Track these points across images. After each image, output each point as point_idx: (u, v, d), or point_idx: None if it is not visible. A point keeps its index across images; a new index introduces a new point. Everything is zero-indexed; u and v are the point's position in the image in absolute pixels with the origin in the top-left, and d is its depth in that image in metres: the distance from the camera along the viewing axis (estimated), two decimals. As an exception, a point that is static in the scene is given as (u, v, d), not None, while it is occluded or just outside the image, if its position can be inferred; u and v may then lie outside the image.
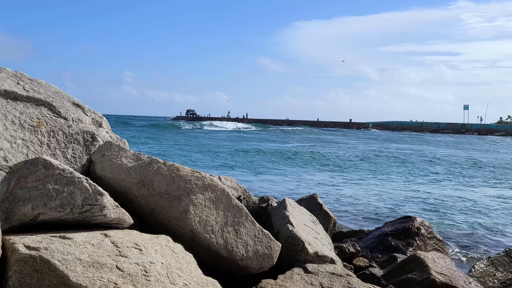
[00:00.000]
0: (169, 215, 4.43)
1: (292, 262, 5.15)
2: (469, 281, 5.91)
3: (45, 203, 3.56)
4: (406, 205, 13.85)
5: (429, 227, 7.78)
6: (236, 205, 4.72)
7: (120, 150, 4.75)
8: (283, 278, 4.61)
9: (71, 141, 4.95)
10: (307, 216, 6.37)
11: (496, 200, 15.40)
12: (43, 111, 4.99)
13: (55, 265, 3.02)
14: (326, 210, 7.60)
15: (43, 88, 5.34)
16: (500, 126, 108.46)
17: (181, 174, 4.50)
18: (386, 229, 7.84)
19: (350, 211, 12.62)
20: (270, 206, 6.51)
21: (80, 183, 3.68)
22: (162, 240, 3.84)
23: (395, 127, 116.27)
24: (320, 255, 5.26)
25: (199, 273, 3.79)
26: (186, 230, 4.41)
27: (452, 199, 15.30)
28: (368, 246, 7.51)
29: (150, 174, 4.48)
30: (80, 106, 5.46)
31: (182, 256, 3.83)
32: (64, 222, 3.68)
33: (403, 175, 21.75)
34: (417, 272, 5.76)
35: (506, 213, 13.26)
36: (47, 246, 3.15)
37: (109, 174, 4.61)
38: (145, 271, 3.26)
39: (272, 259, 4.76)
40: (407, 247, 7.19)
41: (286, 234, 5.33)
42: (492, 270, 7.05)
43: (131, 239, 3.59)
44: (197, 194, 4.48)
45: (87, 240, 3.36)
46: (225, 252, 4.51)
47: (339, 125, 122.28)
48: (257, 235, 4.73)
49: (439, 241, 7.65)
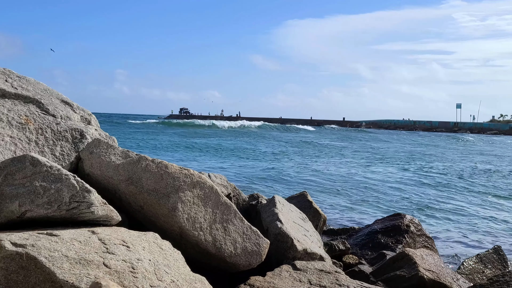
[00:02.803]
0: (157, 212, 4.44)
1: (281, 259, 5.17)
2: (457, 277, 5.96)
3: (32, 200, 3.56)
4: (397, 203, 13.91)
5: (418, 225, 7.82)
6: (224, 202, 4.74)
7: (109, 148, 4.75)
8: (272, 275, 4.63)
9: (60, 139, 4.94)
10: (297, 214, 6.40)
11: (485, 200, 15.52)
12: (31, 109, 4.98)
13: (41, 262, 3.02)
14: (316, 207, 7.63)
15: (31, 86, 5.33)
16: (492, 124, 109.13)
17: (169, 171, 4.51)
18: (376, 227, 7.88)
19: (341, 208, 12.65)
20: (260, 204, 6.53)
21: (67, 180, 3.68)
22: (150, 237, 3.85)
23: (388, 125, 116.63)
24: (309, 252, 5.28)
25: (187, 270, 3.81)
26: (174, 227, 4.42)
27: (442, 198, 15.39)
28: (358, 244, 7.55)
29: (139, 171, 4.49)
30: (69, 104, 5.45)
31: (170, 253, 3.84)
32: (52, 219, 3.67)
33: (388, 170, 21.85)
34: (405, 269, 5.80)
35: (495, 211, 13.36)
36: (34, 243, 3.15)
37: (98, 171, 4.61)
38: (132, 268, 3.26)
39: (260, 256, 4.78)
40: (397, 244, 7.23)
41: (275, 231, 5.35)
42: (481, 267, 7.10)
43: (119, 236, 3.60)
44: (186, 191, 4.49)
45: (74, 237, 3.37)
46: (213, 249, 4.52)
47: (332, 123, 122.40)
48: (246, 232, 4.75)
49: (428, 238, 7.69)
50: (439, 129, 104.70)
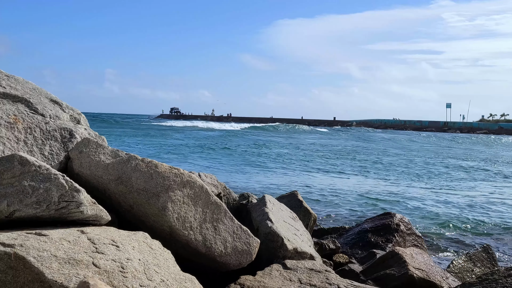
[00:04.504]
0: (147, 212, 4.43)
1: (271, 258, 5.18)
2: (446, 276, 6.00)
3: (21, 200, 3.53)
4: (387, 202, 13.97)
5: (408, 224, 7.86)
6: (214, 201, 4.73)
7: (98, 147, 4.73)
8: (262, 274, 4.63)
9: (49, 138, 4.91)
10: (287, 213, 6.40)
11: (477, 197, 15.62)
12: (20, 108, 4.94)
13: (30, 262, 3.00)
14: (306, 207, 7.64)
15: (20, 85, 5.29)
16: (482, 124, 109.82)
17: (159, 170, 4.50)
18: (366, 226, 7.91)
19: (331, 207, 12.69)
20: (250, 203, 6.53)
21: (56, 180, 3.66)
22: (139, 237, 3.84)
23: (378, 125, 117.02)
24: (299, 251, 5.29)
25: (177, 269, 3.80)
26: (164, 226, 4.41)
27: (432, 196, 15.47)
28: (348, 243, 7.57)
29: (128, 170, 4.47)
30: (58, 103, 5.41)
31: (160, 252, 3.83)
32: (41, 219, 3.65)
33: (380, 173, 21.95)
34: (395, 268, 5.83)
35: (485, 210, 13.46)
36: (22, 243, 3.13)
37: (87, 171, 4.59)
38: (122, 268, 3.25)
39: (251, 255, 4.78)
40: (387, 243, 7.27)
41: (265, 230, 5.35)
42: (470, 265, 7.14)
43: (108, 236, 3.58)
44: (176, 190, 4.48)
45: (63, 236, 3.35)
46: (203, 248, 4.52)
47: (323, 123, 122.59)
48: (236, 232, 4.75)
49: (418, 237, 7.74)
50: (429, 129, 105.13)
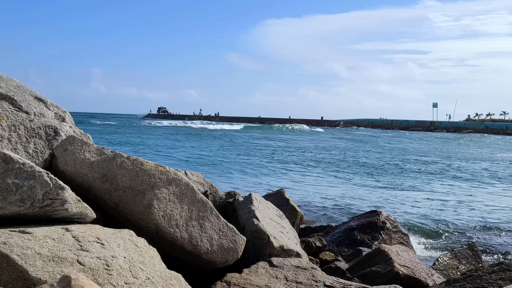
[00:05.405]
0: (133, 210, 4.41)
1: (258, 256, 5.18)
2: (431, 273, 6.05)
3: (5, 198, 3.50)
4: (374, 200, 14.05)
5: (394, 221, 7.91)
6: (201, 199, 4.72)
7: (83, 145, 4.70)
8: (248, 272, 4.64)
9: (33, 136, 4.87)
10: (273, 211, 6.41)
11: (461, 196, 15.76)
12: (3, 105, 4.89)
13: (14, 259, 2.98)
14: (293, 205, 7.66)
15: (4, 82, 5.24)
16: (468, 123, 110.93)
17: (145, 168, 4.48)
18: (352, 224, 7.95)
19: (318, 206, 12.72)
20: (237, 201, 6.53)
21: (40, 177, 3.63)
22: (125, 234, 3.82)
23: (365, 124, 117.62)
24: (286, 249, 5.30)
25: (162, 267, 3.79)
26: (150, 224, 4.39)
27: (417, 194, 15.58)
28: (334, 241, 7.60)
29: (114, 168, 4.45)
30: (43, 100, 5.37)
31: (145, 250, 3.82)
32: (25, 217, 3.62)
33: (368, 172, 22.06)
34: (381, 265, 5.87)
35: (469, 208, 13.58)
36: (6, 241, 3.11)
37: (72, 168, 4.56)
38: (107, 265, 3.24)
39: (237, 253, 4.79)
40: (373, 241, 7.31)
41: (252, 228, 5.36)
42: (456, 262, 7.21)
43: (93, 234, 3.57)
44: (161, 188, 4.47)
45: (47, 234, 3.33)
46: (189, 246, 4.51)
47: (310, 122, 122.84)
48: (222, 229, 4.75)
49: (404, 235, 7.79)
50: (416, 128, 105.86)
